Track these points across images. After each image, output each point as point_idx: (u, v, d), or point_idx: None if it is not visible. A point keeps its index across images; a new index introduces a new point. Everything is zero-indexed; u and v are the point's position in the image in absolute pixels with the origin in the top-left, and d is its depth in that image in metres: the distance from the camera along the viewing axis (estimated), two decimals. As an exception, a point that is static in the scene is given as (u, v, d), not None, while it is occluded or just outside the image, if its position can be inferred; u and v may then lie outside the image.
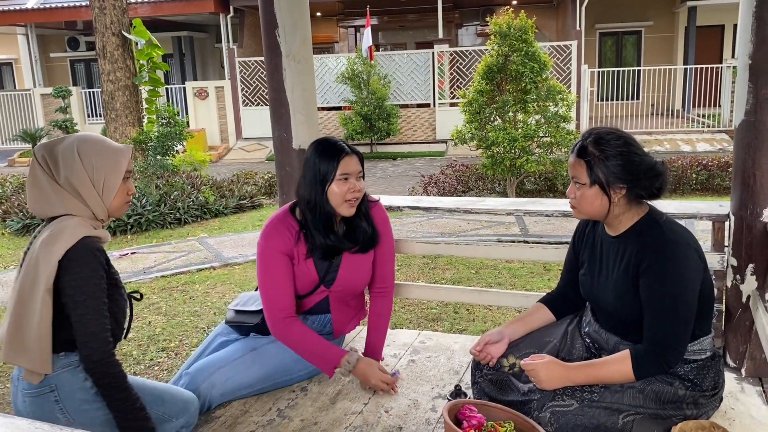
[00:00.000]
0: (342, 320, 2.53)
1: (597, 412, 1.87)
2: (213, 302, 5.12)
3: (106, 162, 1.80)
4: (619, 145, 1.91)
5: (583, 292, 2.18)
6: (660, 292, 1.87)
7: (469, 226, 7.09)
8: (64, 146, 1.78)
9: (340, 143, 2.31)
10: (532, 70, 7.85)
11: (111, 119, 8.95)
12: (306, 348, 2.34)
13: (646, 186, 1.92)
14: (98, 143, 1.82)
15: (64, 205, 1.77)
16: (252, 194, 9.28)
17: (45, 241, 1.71)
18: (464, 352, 2.69)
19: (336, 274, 2.42)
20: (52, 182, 1.76)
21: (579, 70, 14.16)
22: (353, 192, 2.28)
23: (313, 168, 2.29)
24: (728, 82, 13.66)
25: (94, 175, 1.78)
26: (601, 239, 2.11)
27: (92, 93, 17.41)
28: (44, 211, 1.79)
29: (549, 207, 2.61)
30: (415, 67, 14.90)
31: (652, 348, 1.89)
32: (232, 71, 15.92)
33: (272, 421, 2.23)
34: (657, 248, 1.88)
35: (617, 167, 1.89)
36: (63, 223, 1.74)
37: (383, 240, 2.48)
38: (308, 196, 2.30)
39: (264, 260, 2.36)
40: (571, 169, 2.00)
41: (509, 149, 7.90)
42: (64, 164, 1.76)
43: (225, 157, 15.29)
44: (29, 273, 1.72)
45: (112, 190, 1.82)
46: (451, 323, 4.44)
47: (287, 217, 2.39)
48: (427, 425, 2.16)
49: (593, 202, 1.96)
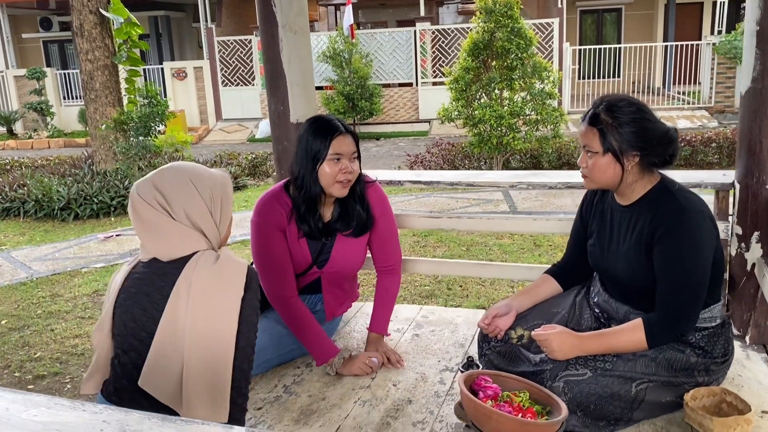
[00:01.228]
0: (333, 302, 2.50)
1: (610, 381, 1.87)
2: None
3: (219, 191, 1.63)
4: (632, 112, 1.89)
5: (592, 263, 2.17)
6: (675, 260, 1.86)
7: (457, 204, 7.08)
8: (174, 180, 1.58)
9: (335, 122, 2.26)
10: (518, 46, 7.81)
11: (90, 100, 8.75)
12: (303, 332, 2.31)
13: (659, 153, 1.91)
14: (205, 172, 1.64)
15: (186, 242, 1.57)
16: (236, 175, 9.17)
17: (214, 281, 1.51)
18: (468, 326, 2.67)
19: (329, 255, 2.38)
20: (171, 221, 1.55)
21: (561, 47, 14.15)
22: (345, 173, 2.23)
23: (305, 146, 2.25)
24: (708, 59, 13.73)
25: (213, 206, 1.61)
26: (611, 208, 2.09)
27: (67, 74, 17.04)
28: (170, 253, 1.57)
29: (552, 179, 2.59)
30: (397, 46, 14.78)
31: (665, 316, 1.89)
32: (210, 51, 15.66)
33: (279, 398, 2.20)
34: (671, 216, 1.87)
35: (630, 134, 1.87)
36: (220, 262, 1.54)
37: (381, 220, 2.44)
38: (297, 173, 2.26)
39: (259, 235, 2.31)
40: (583, 138, 1.98)
41: (496, 127, 7.88)
42: (181, 199, 1.56)
43: (205, 139, 15.09)
44: (208, 319, 1.49)
45: (227, 219, 1.66)
46: (445, 299, 4.43)
47: (281, 194, 2.34)
48: (437, 398, 2.15)
49: (606, 170, 1.94)
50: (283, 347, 2.39)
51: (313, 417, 2.08)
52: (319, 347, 2.31)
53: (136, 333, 1.54)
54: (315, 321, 2.33)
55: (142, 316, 1.54)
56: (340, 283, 2.48)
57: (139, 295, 1.56)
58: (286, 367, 2.41)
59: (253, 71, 15.64)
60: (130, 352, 1.55)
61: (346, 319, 2.81)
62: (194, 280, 1.50)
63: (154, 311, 1.53)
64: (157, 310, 1.52)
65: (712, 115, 13.23)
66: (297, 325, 2.31)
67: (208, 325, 1.48)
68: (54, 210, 7.53)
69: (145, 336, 1.52)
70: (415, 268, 2.87)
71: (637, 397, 1.88)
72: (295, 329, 2.32)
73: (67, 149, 14.22)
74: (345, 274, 2.45)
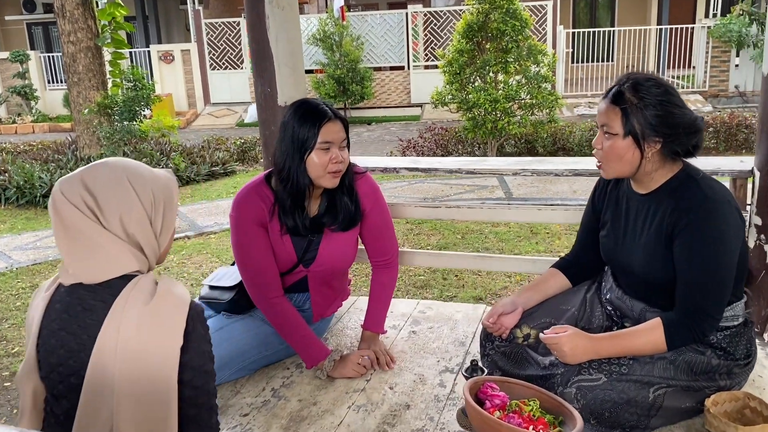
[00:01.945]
0: (322, 303, 2.33)
1: (626, 386, 1.72)
2: (189, 273, 4.89)
3: (162, 194, 1.33)
4: (659, 94, 1.72)
5: (605, 256, 2.01)
6: (699, 255, 1.71)
7: (451, 190, 6.92)
8: (108, 178, 1.28)
9: (322, 106, 2.06)
10: (513, 28, 7.61)
11: (73, 83, 8.49)
12: (293, 334, 2.15)
13: (682, 142, 1.74)
14: (147, 171, 1.34)
15: (119, 260, 1.27)
16: (224, 160, 8.96)
17: (148, 322, 1.24)
18: (468, 322, 2.52)
19: (316, 253, 2.20)
20: (101, 230, 1.25)
21: (554, 30, 13.95)
22: (336, 163, 2.05)
23: (290, 134, 2.04)
24: (702, 43, 13.58)
25: (154, 214, 1.31)
26: (626, 197, 1.93)
27: (52, 57, 16.67)
28: (97, 274, 1.27)
29: (558, 166, 2.43)
30: (388, 29, 14.52)
31: (687, 315, 1.74)
32: (198, 34, 15.34)
33: (267, 403, 2.04)
34: (695, 206, 1.71)
35: (655, 118, 1.71)
36: (156, 300, 1.26)
37: (373, 213, 2.26)
38: (283, 164, 2.06)
39: (239, 232, 2.13)
40: (602, 117, 1.81)
41: (490, 111, 7.70)
42: (116, 202, 1.26)
43: (193, 123, 14.82)
44: (139, 368, 1.23)
45: (169, 230, 1.36)
46: (441, 290, 4.28)
47: (262, 186, 2.15)
48: (437, 402, 1.99)
49: (624, 155, 1.77)
50: (269, 348, 2.23)
51: (303, 424, 1.92)
52: (308, 350, 2.15)
53: (65, 379, 1.29)
54: (303, 322, 2.17)
55: (69, 359, 1.27)
56: (329, 281, 2.31)
57: (62, 333, 1.27)
58: (275, 368, 2.25)
59: (241, 54, 15.35)
60: (62, 399, 1.30)
61: (338, 315, 2.65)
62: (123, 323, 1.23)
63: (82, 354, 1.25)
64: (85, 354, 1.24)
65: (707, 100, 13.10)
66: (284, 327, 2.15)
67: (140, 377, 1.22)
68: (36, 197, 7.31)
69: (75, 382, 1.27)
70: (413, 260, 2.71)
71: (654, 403, 1.74)
72: (282, 331, 2.15)
73: (52, 134, 13.92)
74: (334, 272, 2.28)
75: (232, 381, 2.18)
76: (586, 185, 6.78)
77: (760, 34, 12.40)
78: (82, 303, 1.28)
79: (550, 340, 1.77)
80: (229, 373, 2.16)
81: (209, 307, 2.34)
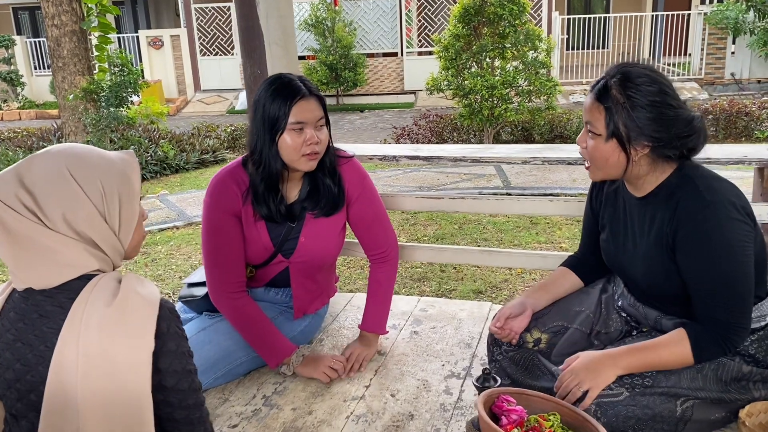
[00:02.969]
0: (304, 297, 2.15)
1: (651, 400, 1.55)
2: (178, 265, 4.70)
3: (115, 183, 1.16)
4: (651, 93, 1.52)
5: (607, 261, 1.84)
6: (708, 268, 1.52)
7: (447, 179, 6.74)
8: (46, 171, 1.11)
9: (296, 82, 1.88)
10: (510, 12, 7.42)
11: (58, 68, 8.24)
12: (252, 332, 1.98)
13: (675, 146, 1.54)
14: (92, 156, 1.16)
15: (72, 261, 1.11)
16: (214, 148, 8.75)
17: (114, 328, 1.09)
18: (473, 321, 2.36)
19: (296, 242, 2.03)
20: (46, 230, 1.10)
21: (550, 16, 13.75)
22: (311, 144, 1.87)
23: (261, 113, 1.87)
24: (698, 30, 13.41)
25: (107, 207, 1.14)
26: (623, 199, 1.75)
27: (38, 43, 16.33)
28: (49, 279, 1.11)
29: (570, 154, 2.26)
30: (381, 14, 14.28)
31: (713, 328, 1.55)
32: (188, 18, 15.06)
33: (258, 412, 1.87)
34: (694, 213, 1.52)
35: (644, 120, 1.51)
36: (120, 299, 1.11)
37: (360, 201, 2.09)
38: (254, 146, 1.89)
39: (208, 221, 1.98)
40: (586, 113, 1.62)
41: (487, 97, 7.51)
42: (57, 199, 1.10)
43: (183, 110, 14.57)
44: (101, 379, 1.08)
45: (131, 222, 1.19)
46: (439, 283, 4.12)
47: (238, 170, 1.99)
48: (443, 411, 1.83)
49: (607, 157, 1.59)
50: (231, 362, 2.04)
51: (298, 437, 1.76)
52: (273, 347, 1.99)
53: (24, 396, 1.13)
54: (267, 318, 2.00)
55: (27, 374, 1.11)
56: (312, 274, 2.13)
57: (18, 344, 1.11)
58: (266, 373, 2.08)
59: (232, 40, 15.08)
60: (21, 420, 1.14)
61: (334, 313, 2.48)
62: (83, 330, 1.07)
63: (40, 368, 1.09)
64: (44, 367, 1.09)
65: (702, 87, 12.96)
66: (245, 326, 1.98)
67: (107, 390, 1.07)
68: (19, 185, 7.08)
69: (35, 400, 1.11)
70: (413, 255, 2.54)
71: (683, 417, 1.58)
72: (244, 330, 1.98)
73: (39, 121, 13.64)
74: (318, 263, 2.10)
75: (219, 387, 2.01)
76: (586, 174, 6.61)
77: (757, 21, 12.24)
78: (38, 309, 1.11)
79: (565, 378, 1.60)
80: (215, 378, 1.99)
81: (188, 307, 2.18)
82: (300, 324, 2.17)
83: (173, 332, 1.16)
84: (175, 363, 1.16)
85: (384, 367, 2.08)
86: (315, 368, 2.01)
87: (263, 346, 2.00)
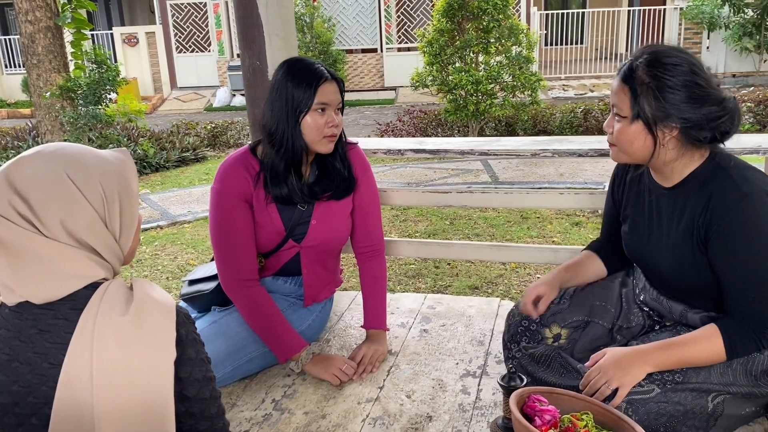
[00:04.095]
0: (315, 284, 2.11)
1: (683, 396, 1.50)
2: (164, 265, 4.58)
3: (115, 184, 1.07)
4: (678, 72, 1.46)
5: (629, 254, 1.79)
6: (745, 262, 1.47)
7: (435, 174, 6.69)
8: (41, 174, 1.02)
9: (318, 66, 1.90)
10: (494, 6, 7.39)
11: (32, 65, 8.02)
12: (264, 323, 1.93)
13: (705, 128, 1.48)
14: (89, 156, 1.08)
15: (72, 271, 1.03)
16: (195, 146, 8.60)
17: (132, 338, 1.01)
18: (483, 318, 2.30)
19: (308, 226, 2.00)
20: (42, 239, 1.00)
21: (528, 12, 13.78)
22: (332, 126, 1.88)
23: (284, 94, 1.86)
24: (674, 25, 13.54)
25: (108, 211, 1.06)
26: (648, 190, 1.69)
27: (9, 40, 15.96)
28: (48, 292, 1.02)
29: (581, 146, 2.21)
30: (360, 10, 14.19)
31: (747, 323, 1.50)
32: (163, 15, 14.82)
33: (269, 417, 1.80)
34: (731, 205, 1.47)
35: (671, 101, 1.46)
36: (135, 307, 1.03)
37: (363, 188, 2.09)
38: (275, 128, 1.88)
39: (218, 207, 1.94)
40: (613, 97, 1.57)
41: (472, 92, 7.48)
42: (55, 205, 1.01)
43: (160, 108, 14.33)
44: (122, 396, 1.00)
45: (131, 226, 1.11)
46: (434, 279, 4.07)
47: (247, 156, 1.97)
48: (462, 412, 1.77)
49: (633, 140, 1.54)
50: (242, 357, 1.98)
51: (313, 442, 1.68)
52: (283, 340, 1.94)
53: (25, 421, 1.02)
54: (278, 310, 1.96)
55: (28, 396, 1.00)
56: (323, 260, 2.11)
57: (15, 364, 1.00)
58: (274, 376, 2.00)
59: (209, 36, 14.88)
60: None
61: (338, 312, 2.41)
62: (97, 341, 0.98)
63: (44, 388, 0.99)
64: (49, 386, 0.99)
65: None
66: (256, 315, 1.93)
67: (127, 404, 1.00)
68: (-5, 186, 6.88)
69: (38, 423, 1.01)
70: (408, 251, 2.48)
71: (714, 413, 1.53)
72: (254, 320, 1.93)
73: (11, 120, 13.32)
74: (328, 247, 2.08)
75: (225, 392, 1.92)
76: (572, 168, 6.61)
77: (732, 16, 12.39)
78: (37, 324, 1.01)
79: (591, 377, 1.54)
80: (223, 375, 1.92)
81: (193, 304, 2.11)
82: (307, 318, 2.11)
83: (192, 338, 1.09)
84: (196, 371, 1.09)
85: (396, 368, 2.01)
86: (325, 369, 1.95)
87: (274, 339, 1.94)
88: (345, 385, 1.93)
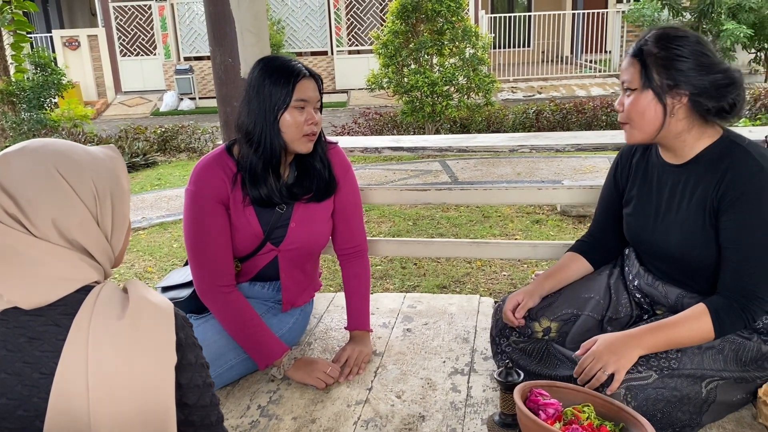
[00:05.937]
0: (293, 289, 2.05)
1: (678, 382, 1.52)
2: (121, 273, 4.43)
3: (107, 181, 1.02)
4: (687, 43, 1.55)
5: (631, 237, 1.81)
6: (751, 233, 1.53)
7: (395, 176, 6.68)
8: (25, 171, 0.96)
9: (295, 63, 1.85)
10: (448, 8, 7.44)
11: (-30, 69, 7.69)
12: (242, 329, 1.87)
13: (713, 96, 1.54)
14: (78, 152, 1.02)
15: (64, 273, 0.96)
16: (144, 151, 8.37)
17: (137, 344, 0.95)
18: (465, 315, 2.29)
19: (286, 229, 1.94)
20: (31, 239, 0.95)
21: (477, 15, 13.94)
22: (311, 124, 1.83)
23: (261, 92, 1.81)
24: (617, 27, 13.92)
25: (100, 209, 1.01)
26: (657, 170, 1.73)
27: (-61, 44, 15.25)
28: (39, 296, 0.95)
29: (558, 141, 2.23)
30: (309, 12, 14.10)
31: (735, 297, 1.55)
32: (106, 18, 14.40)
33: (256, 423, 1.74)
34: (747, 177, 1.53)
35: (680, 69, 1.53)
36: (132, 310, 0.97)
37: (345, 188, 2.03)
38: (252, 126, 1.82)
39: (193, 210, 1.87)
40: (623, 74, 1.63)
41: (428, 94, 7.51)
42: (46, 203, 0.95)
43: (104, 113, 13.90)
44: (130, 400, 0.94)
45: (123, 225, 1.06)
46: (402, 280, 4.05)
47: (223, 156, 1.91)
48: (455, 410, 1.75)
49: (644, 111, 1.58)
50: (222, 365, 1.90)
51: (305, 448, 1.63)
52: (263, 347, 1.88)
53: None
54: (257, 315, 1.90)
55: (17, 409, 0.93)
56: (301, 264, 2.05)
57: (2, 375, 0.93)
58: (257, 382, 1.94)
59: (154, 40, 14.53)
60: None
61: (318, 314, 2.36)
62: (93, 347, 0.92)
63: (35, 399, 0.93)
64: (40, 397, 0.92)
65: (624, 83, 13.43)
66: (234, 322, 1.87)
67: (126, 413, 0.93)
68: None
69: None
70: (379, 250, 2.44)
71: (708, 398, 1.56)
72: (232, 327, 1.87)
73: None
74: (307, 251, 2.03)
75: (208, 400, 1.85)
76: (529, 167, 6.70)
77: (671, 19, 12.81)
78: (25, 332, 0.94)
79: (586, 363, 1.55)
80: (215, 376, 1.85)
81: None
82: (287, 321, 2.06)
83: (191, 342, 1.04)
84: (196, 377, 1.04)
85: (383, 368, 1.98)
86: (309, 373, 1.89)
87: (254, 345, 1.88)
88: (332, 387, 1.88)
